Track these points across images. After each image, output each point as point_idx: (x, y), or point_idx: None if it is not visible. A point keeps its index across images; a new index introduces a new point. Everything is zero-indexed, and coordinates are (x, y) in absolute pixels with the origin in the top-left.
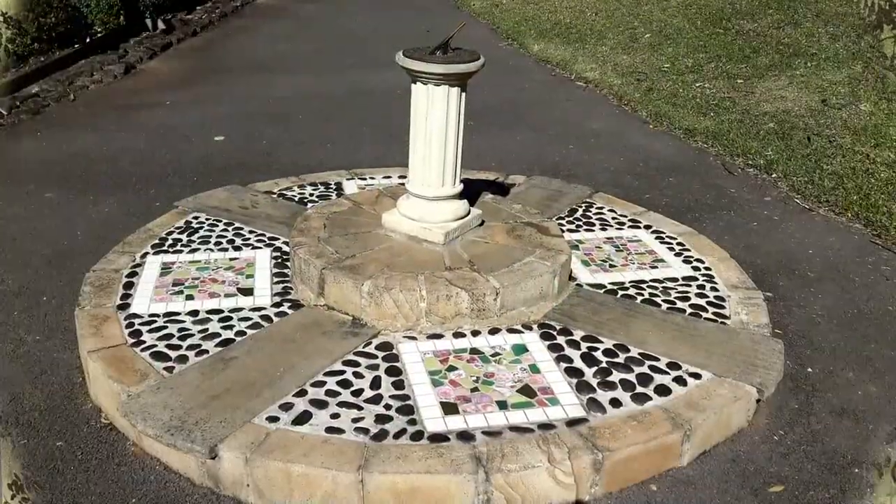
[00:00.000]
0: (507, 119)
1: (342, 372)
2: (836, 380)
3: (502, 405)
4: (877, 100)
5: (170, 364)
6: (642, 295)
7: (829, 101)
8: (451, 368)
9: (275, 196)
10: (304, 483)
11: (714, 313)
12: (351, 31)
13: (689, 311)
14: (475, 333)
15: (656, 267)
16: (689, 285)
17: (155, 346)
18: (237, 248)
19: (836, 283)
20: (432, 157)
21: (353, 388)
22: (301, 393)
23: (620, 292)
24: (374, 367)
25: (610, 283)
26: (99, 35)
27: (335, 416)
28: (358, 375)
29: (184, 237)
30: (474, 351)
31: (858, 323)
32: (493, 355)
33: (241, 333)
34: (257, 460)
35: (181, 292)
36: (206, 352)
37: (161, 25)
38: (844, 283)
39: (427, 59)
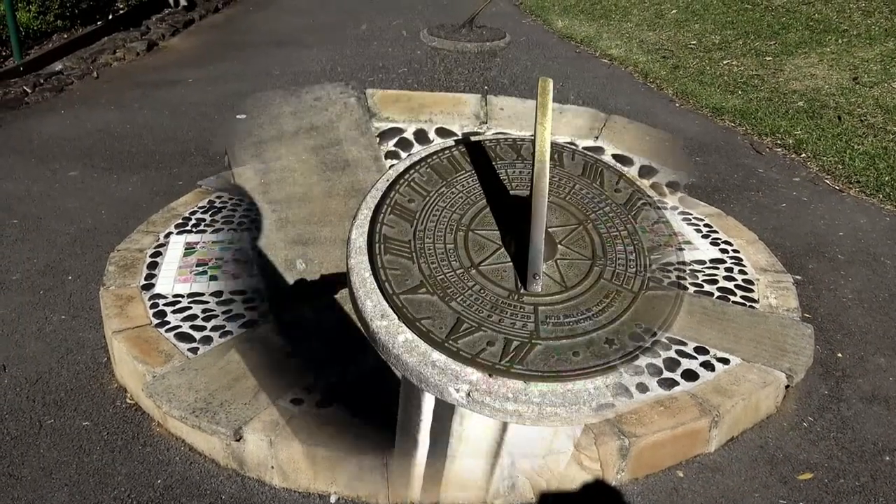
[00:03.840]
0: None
1: None
2: (866, 365)
3: None
4: None
5: (194, 345)
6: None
7: (861, 79)
8: None
9: None
10: (328, 466)
11: (742, 297)
12: (371, 4)
13: (716, 294)
14: None
15: (683, 249)
16: (717, 268)
17: (179, 326)
18: None
19: (867, 266)
20: None
21: None
22: None
23: None
24: None
25: None
26: (121, 12)
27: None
28: None
29: (207, 217)
30: None
31: (890, 307)
32: None
33: (264, 315)
34: (281, 443)
35: (205, 272)
36: (230, 333)
37: (183, 2)
38: (876, 266)
39: (454, 38)
